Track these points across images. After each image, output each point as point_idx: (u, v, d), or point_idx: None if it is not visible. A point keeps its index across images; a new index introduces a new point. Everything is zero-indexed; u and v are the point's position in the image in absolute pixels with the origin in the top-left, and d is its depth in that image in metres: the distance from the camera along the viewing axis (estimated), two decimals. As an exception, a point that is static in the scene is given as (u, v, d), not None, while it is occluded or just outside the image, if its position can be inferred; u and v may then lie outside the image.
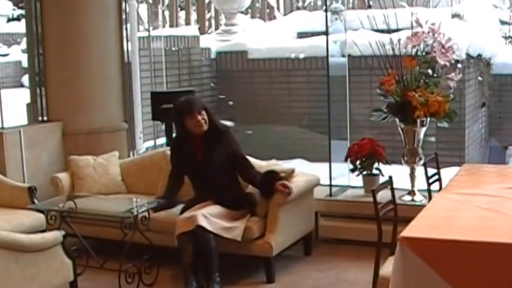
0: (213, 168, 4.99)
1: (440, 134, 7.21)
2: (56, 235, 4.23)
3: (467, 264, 3.15)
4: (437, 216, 3.61)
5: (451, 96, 5.24)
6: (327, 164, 6.05)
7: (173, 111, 5.17)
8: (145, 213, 4.98)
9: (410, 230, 3.34)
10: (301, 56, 8.44)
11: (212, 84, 8.95)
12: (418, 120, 5.22)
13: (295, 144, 8.16)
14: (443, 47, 5.06)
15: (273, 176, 4.98)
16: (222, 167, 5.00)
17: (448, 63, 5.11)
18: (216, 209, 4.89)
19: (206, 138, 5.02)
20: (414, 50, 5.20)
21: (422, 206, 4.85)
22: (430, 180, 4.65)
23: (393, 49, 5.24)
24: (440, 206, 3.83)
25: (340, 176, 6.05)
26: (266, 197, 5.00)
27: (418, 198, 5.45)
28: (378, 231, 3.76)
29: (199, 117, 4.95)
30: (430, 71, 5.22)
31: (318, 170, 5.89)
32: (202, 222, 4.71)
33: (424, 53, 5.23)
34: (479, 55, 7.76)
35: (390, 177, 4.06)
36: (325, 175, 5.86)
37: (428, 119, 5.24)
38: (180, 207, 5.14)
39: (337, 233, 5.73)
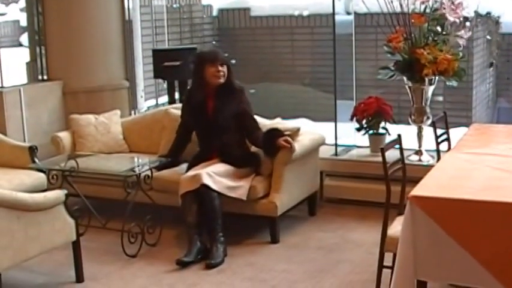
0: (220, 123, 4.94)
1: (447, 94, 7.12)
2: (59, 194, 4.18)
3: (477, 224, 3.09)
4: (447, 176, 3.54)
5: (460, 54, 5.13)
6: (331, 124, 5.97)
7: (196, 58, 5.16)
8: (148, 172, 4.92)
9: (420, 189, 3.27)
10: (305, 13, 8.30)
11: (214, 42, 8.83)
12: (426, 79, 5.12)
13: (299, 104, 8.07)
14: (452, 3, 4.94)
15: (275, 133, 4.90)
16: (229, 123, 4.94)
17: (457, 20, 4.98)
18: (221, 167, 4.84)
19: (220, 92, 4.98)
20: (423, 7, 5.08)
21: (429, 166, 4.79)
22: (439, 140, 4.56)
23: (401, 6, 5.11)
24: (450, 165, 3.75)
25: (344, 136, 5.96)
26: (269, 155, 4.93)
27: (425, 158, 5.38)
28: (387, 190, 3.68)
29: (220, 68, 4.93)
30: (438, 28, 5.10)
31: (321, 130, 5.81)
32: (207, 180, 4.65)
33: (432, 10, 5.11)
34: (488, 13, 7.60)
35: (399, 136, 3.95)
36: (328, 135, 5.76)
37: (437, 77, 5.15)
38: (184, 166, 5.08)
39: (342, 193, 5.68)
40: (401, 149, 3.97)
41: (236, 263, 4.62)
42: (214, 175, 4.73)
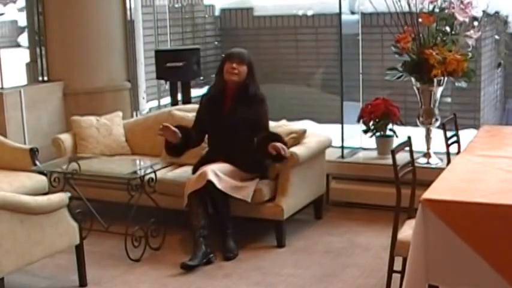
0: (233, 125, 4.86)
1: (455, 95, 7.03)
2: (62, 197, 4.11)
3: (490, 227, 3.03)
4: (459, 179, 3.48)
5: (469, 54, 5.06)
6: (335, 126, 5.89)
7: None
8: (152, 175, 4.83)
9: (432, 192, 3.22)
10: (309, 13, 8.22)
11: (216, 43, 8.73)
12: (435, 80, 5.04)
13: (303, 105, 7.98)
14: (462, 2, 4.86)
15: (268, 137, 4.79)
16: (242, 129, 4.85)
17: (467, 20, 4.91)
18: (226, 166, 4.77)
19: (238, 95, 4.91)
20: (431, 6, 5.00)
21: (437, 169, 4.74)
22: (448, 142, 4.48)
23: (409, 5, 5.03)
24: (461, 168, 3.69)
25: (349, 138, 5.88)
26: (263, 157, 4.82)
27: (434, 160, 5.30)
28: (397, 194, 3.61)
29: (235, 65, 4.87)
30: (447, 28, 5.02)
31: (326, 132, 5.73)
32: (212, 177, 4.59)
33: (440, 9, 5.04)
34: (497, 12, 7.50)
35: (409, 138, 3.87)
36: (333, 137, 5.67)
37: (446, 78, 5.07)
38: (187, 168, 5.01)
39: (348, 196, 5.59)
40: (411, 152, 3.89)
41: (242, 268, 4.54)
42: (220, 173, 4.66)
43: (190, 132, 5.00)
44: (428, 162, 5.29)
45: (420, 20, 5.01)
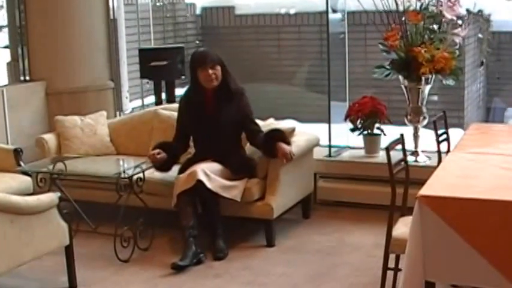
0: (219, 128, 4.81)
1: (439, 94, 7.05)
2: (52, 197, 4.05)
3: (487, 223, 3.02)
4: (454, 175, 3.48)
5: (457, 52, 5.08)
6: (319, 125, 5.87)
7: (189, 62, 4.99)
8: (140, 175, 4.78)
9: (429, 189, 3.21)
10: (292, 11, 8.18)
11: (197, 42, 8.66)
12: (423, 78, 5.05)
13: (286, 104, 7.94)
14: (449, 0, 4.88)
15: (275, 134, 4.78)
16: (228, 128, 4.83)
17: (455, 18, 4.93)
18: (215, 166, 4.73)
19: (217, 96, 4.84)
20: (419, 4, 5.01)
21: (426, 167, 4.76)
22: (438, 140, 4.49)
23: (396, 3, 5.03)
24: (455, 165, 3.69)
25: (333, 137, 5.85)
26: (269, 156, 4.83)
27: (422, 159, 5.31)
28: (392, 191, 3.60)
29: (211, 71, 4.77)
30: (434, 26, 5.04)
31: (311, 131, 5.70)
32: (202, 177, 4.55)
33: (424, 7, 5.05)
34: (480, 11, 7.54)
35: (402, 135, 3.86)
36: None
37: (433, 76, 5.08)
38: (176, 168, 4.95)
39: (336, 195, 5.58)
40: (404, 149, 3.88)
41: (233, 267, 4.51)
42: (210, 173, 4.62)
43: (173, 145, 4.95)
44: (416, 161, 5.27)
45: (407, 18, 5.01)
